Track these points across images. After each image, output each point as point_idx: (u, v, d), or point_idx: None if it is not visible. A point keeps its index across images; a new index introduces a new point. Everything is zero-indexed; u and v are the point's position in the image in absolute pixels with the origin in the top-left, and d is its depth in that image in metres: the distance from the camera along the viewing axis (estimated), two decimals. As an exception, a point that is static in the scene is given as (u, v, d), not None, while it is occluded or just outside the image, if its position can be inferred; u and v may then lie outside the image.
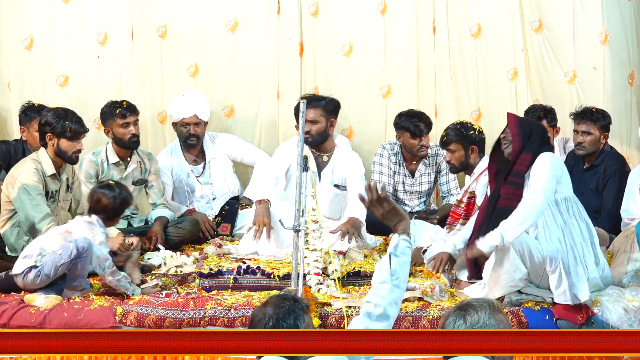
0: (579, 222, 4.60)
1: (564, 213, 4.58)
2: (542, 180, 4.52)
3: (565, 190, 4.64)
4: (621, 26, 6.49)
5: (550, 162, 4.58)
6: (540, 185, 4.50)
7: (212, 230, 5.95)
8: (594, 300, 4.50)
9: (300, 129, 4.56)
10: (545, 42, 6.55)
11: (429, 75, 6.60)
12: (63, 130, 5.12)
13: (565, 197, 4.62)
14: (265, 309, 2.91)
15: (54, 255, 4.54)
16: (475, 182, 5.26)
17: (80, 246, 4.52)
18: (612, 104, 6.38)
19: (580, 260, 4.49)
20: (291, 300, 2.92)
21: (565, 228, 4.54)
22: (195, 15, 6.55)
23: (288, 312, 2.87)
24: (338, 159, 5.74)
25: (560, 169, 4.63)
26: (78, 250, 4.52)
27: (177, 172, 6.22)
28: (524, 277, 4.49)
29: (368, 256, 5.29)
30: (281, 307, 2.88)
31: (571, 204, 4.63)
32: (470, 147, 5.28)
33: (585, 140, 5.69)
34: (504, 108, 6.58)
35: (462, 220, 5.21)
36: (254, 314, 2.95)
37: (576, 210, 4.63)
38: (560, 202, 4.59)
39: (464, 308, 2.74)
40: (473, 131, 5.30)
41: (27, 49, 6.46)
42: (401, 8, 6.55)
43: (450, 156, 5.33)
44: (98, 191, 4.87)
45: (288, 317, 2.86)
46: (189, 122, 6.13)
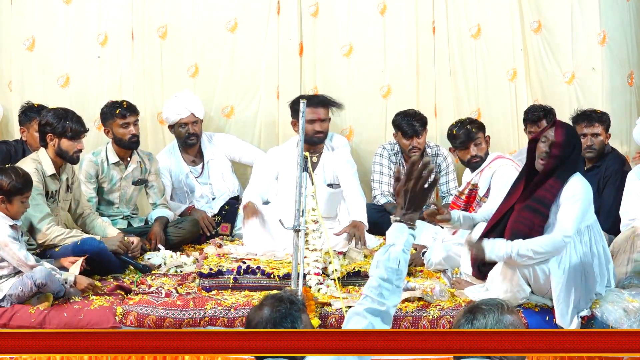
0: (598, 249, 4.48)
1: (585, 243, 4.43)
2: (572, 221, 4.31)
3: (590, 217, 4.47)
4: (620, 26, 6.49)
5: (583, 197, 4.37)
6: (571, 228, 4.30)
7: (212, 226, 5.95)
8: (594, 301, 4.50)
9: (301, 128, 4.55)
10: (544, 43, 6.56)
11: (428, 76, 6.61)
12: (64, 130, 5.12)
13: (589, 225, 4.46)
14: (261, 312, 2.88)
15: (15, 290, 4.51)
16: (479, 175, 5.27)
17: (38, 282, 4.48)
18: (611, 104, 6.39)
19: (591, 290, 4.44)
20: (287, 303, 2.88)
21: (584, 257, 4.41)
22: (195, 16, 6.55)
23: (285, 315, 2.85)
24: (328, 159, 5.75)
25: (589, 202, 4.43)
26: (37, 287, 4.49)
27: (175, 172, 6.23)
28: (526, 295, 4.49)
29: (368, 256, 5.29)
30: (278, 311, 2.86)
31: (593, 232, 4.49)
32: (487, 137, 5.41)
33: (595, 142, 5.66)
34: (504, 108, 6.62)
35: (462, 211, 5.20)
36: (250, 317, 2.92)
37: (598, 237, 4.50)
38: (584, 231, 4.44)
39: (473, 311, 2.72)
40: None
41: (28, 49, 6.46)
42: (401, 8, 6.55)
43: (478, 150, 5.33)
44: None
45: (285, 321, 2.84)
46: (187, 121, 6.14)
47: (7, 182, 4.59)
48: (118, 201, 5.86)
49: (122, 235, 5.28)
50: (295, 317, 2.86)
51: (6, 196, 4.60)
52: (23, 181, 4.65)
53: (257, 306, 2.94)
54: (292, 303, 2.89)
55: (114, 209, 5.86)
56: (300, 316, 2.88)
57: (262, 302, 2.94)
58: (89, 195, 5.68)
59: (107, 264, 5.07)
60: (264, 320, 2.85)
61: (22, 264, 4.54)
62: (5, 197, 4.60)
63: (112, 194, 5.84)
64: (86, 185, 5.69)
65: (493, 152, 5.41)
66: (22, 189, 4.64)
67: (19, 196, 4.62)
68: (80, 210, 5.43)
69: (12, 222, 4.62)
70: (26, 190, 4.67)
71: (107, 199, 5.84)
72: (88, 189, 5.70)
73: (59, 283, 4.55)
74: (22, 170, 4.74)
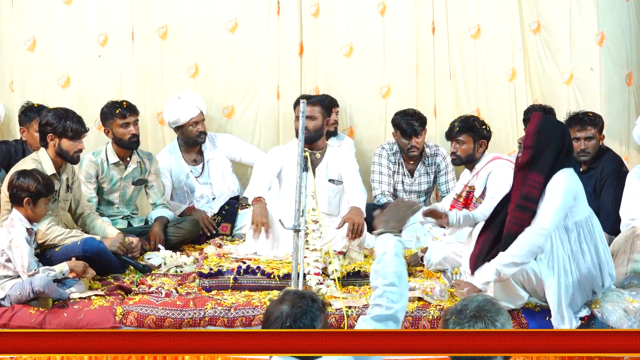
0: (589, 247, 4.41)
1: (573, 240, 4.37)
2: (549, 215, 4.25)
3: (579, 213, 4.37)
4: (619, 27, 6.51)
5: (564, 191, 4.28)
6: (547, 222, 4.24)
7: (212, 226, 5.95)
8: (594, 301, 4.50)
9: (301, 129, 4.56)
10: (543, 44, 6.57)
11: (428, 76, 6.62)
12: (64, 130, 5.12)
13: (577, 222, 4.37)
14: (281, 306, 2.85)
15: (14, 292, 4.52)
16: (475, 177, 5.26)
17: (36, 290, 4.48)
18: (609, 104, 6.39)
19: (585, 288, 4.42)
20: (309, 300, 2.87)
21: (573, 255, 4.37)
22: (195, 16, 6.55)
23: (305, 311, 2.83)
24: (331, 156, 5.75)
25: (573, 197, 4.31)
26: (34, 293, 4.49)
27: (176, 172, 6.23)
28: (524, 300, 4.48)
29: (368, 256, 5.29)
30: (298, 307, 2.83)
31: (583, 229, 4.39)
32: (481, 141, 5.24)
33: (589, 146, 5.60)
34: (503, 108, 6.63)
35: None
36: (270, 310, 2.89)
37: (587, 235, 4.41)
38: (572, 228, 4.36)
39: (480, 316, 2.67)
40: (485, 126, 5.30)
41: (29, 49, 6.46)
42: (401, 9, 6.56)
43: (457, 147, 5.24)
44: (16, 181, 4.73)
45: (305, 317, 2.82)
46: (198, 119, 6.17)
47: (34, 184, 4.68)
48: (118, 201, 5.86)
49: (122, 236, 5.28)
50: (315, 315, 2.84)
51: (32, 198, 4.67)
52: (48, 184, 4.76)
53: (277, 300, 2.91)
54: (313, 301, 2.88)
55: (114, 209, 5.87)
56: (320, 315, 2.86)
57: (283, 296, 2.92)
58: (89, 195, 5.68)
59: (107, 264, 5.07)
60: (284, 315, 2.82)
61: (24, 270, 4.56)
62: (31, 199, 4.67)
63: (112, 194, 5.84)
64: (86, 185, 5.69)
65: (491, 153, 5.40)
66: (47, 191, 4.74)
67: (43, 198, 4.72)
68: (80, 210, 5.43)
69: (29, 226, 4.68)
70: (50, 193, 4.78)
71: (107, 199, 5.84)
72: (88, 189, 5.70)
73: (59, 292, 4.56)
74: (44, 173, 4.85)
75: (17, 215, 4.68)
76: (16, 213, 4.69)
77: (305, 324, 2.80)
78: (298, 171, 4.47)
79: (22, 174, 4.75)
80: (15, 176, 4.75)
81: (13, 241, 4.60)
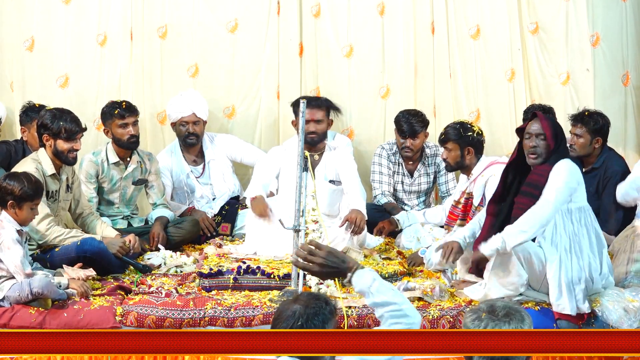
0: (589, 232, 4.54)
1: (575, 223, 4.52)
2: (554, 190, 4.45)
3: (580, 200, 4.57)
4: (617, 27, 6.54)
5: (567, 173, 4.50)
6: (552, 195, 4.44)
7: (212, 227, 5.95)
8: (594, 300, 4.50)
9: (301, 128, 4.56)
10: (540, 44, 6.59)
11: (427, 76, 6.62)
12: (58, 131, 5.10)
13: (579, 207, 4.55)
14: (294, 305, 2.88)
15: (13, 293, 4.50)
16: (472, 183, 5.26)
17: (35, 291, 4.46)
18: (604, 105, 6.39)
19: (585, 271, 4.46)
20: (323, 302, 2.89)
21: (574, 238, 4.49)
22: (195, 16, 6.56)
23: (317, 312, 2.85)
24: (330, 157, 5.75)
25: (576, 181, 4.53)
26: (33, 295, 4.47)
27: (176, 172, 6.23)
28: (524, 282, 4.49)
29: (368, 256, 5.29)
30: (312, 308, 2.86)
31: (584, 214, 4.56)
32: (467, 148, 5.27)
33: (575, 143, 5.67)
34: (503, 108, 6.64)
35: (460, 221, 5.21)
36: (281, 309, 2.91)
37: (588, 221, 4.57)
38: (574, 211, 4.52)
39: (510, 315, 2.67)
40: (472, 132, 5.29)
41: (28, 49, 6.46)
42: (400, 9, 6.57)
43: (446, 154, 5.33)
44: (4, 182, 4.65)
45: (316, 318, 2.84)
46: (188, 120, 6.14)
47: (19, 187, 4.58)
48: (118, 201, 5.87)
49: (120, 236, 5.27)
50: (327, 318, 2.87)
51: (16, 202, 4.58)
52: (34, 188, 4.64)
53: (291, 300, 2.93)
54: (327, 303, 2.91)
55: (114, 209, 5.87)
56: (331, 318, 2.89)
57: (298, 296, 2.95)
58: (89, 195, 5.68)
59: (107, 264, 5.06)
60: (297, 315, 2.84)
61: (19, 271, 4.53)
62: (16, 203, 4.58)
63: (112, 194, 5.84)
64: (86, 185, 5.69)
65: (488, 157, 5.39)
66: (33, 195, 4.62)
67: (29, 202, 4.61)
68: (80, 210, 5.43)
69: (19, 227, 4.62)
70: (36, 197, 4.66)
71: (107, 199, 5.84)
72: (88, 189, 5.70)
73: (58, 293, 4.54)
74: (33, 177, 4.73)
75: (6, 217, 4.61)
76: (6, 215, 4.62)
77: (316, 325, 2.83)
78: (298, 171, 4.47)
79: (10, 176, 4.68)
80: (2, 178, 4.68)
81: (3, 243, 4.54)
